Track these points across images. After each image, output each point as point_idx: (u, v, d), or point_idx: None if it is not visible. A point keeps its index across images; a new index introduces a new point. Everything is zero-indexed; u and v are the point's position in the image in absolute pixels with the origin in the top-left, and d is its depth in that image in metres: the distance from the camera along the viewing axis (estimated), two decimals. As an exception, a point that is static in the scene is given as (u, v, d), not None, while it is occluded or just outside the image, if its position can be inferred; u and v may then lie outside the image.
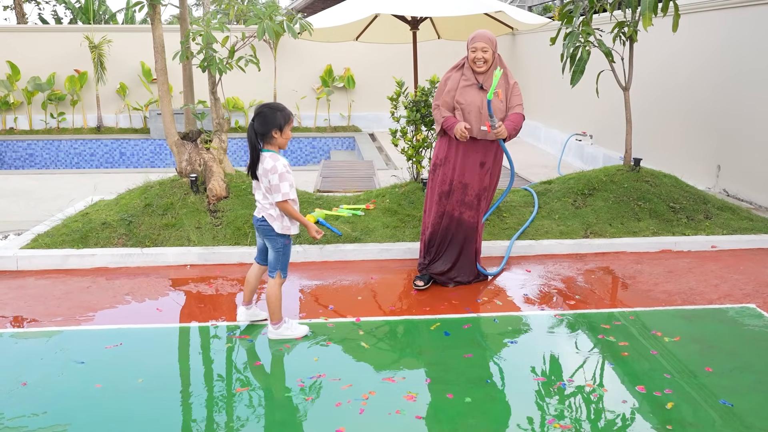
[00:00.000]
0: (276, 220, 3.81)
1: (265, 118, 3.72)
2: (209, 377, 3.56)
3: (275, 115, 3.73)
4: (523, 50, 14.42)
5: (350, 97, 15.29)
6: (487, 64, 4.57)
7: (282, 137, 3.77)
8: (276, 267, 3.91)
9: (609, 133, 9.96)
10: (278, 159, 3.74)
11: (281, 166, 3.71)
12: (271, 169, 3.70)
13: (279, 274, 3.92)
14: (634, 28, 6.16)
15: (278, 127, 3.73)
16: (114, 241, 5.51)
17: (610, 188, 6.28)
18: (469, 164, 4.67)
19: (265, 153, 3.75)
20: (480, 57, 4.55)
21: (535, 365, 3.67)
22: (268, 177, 3.72)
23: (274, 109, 3.74)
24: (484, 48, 4.54)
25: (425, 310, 4.43)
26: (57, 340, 4.01)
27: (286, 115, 3.77)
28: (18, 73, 14.46)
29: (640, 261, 5.44)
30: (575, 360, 3.75)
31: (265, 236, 3.90)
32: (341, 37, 9.14)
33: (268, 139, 3.75)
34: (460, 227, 4.78)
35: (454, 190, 4.72)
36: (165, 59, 5.92)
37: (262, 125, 3.71)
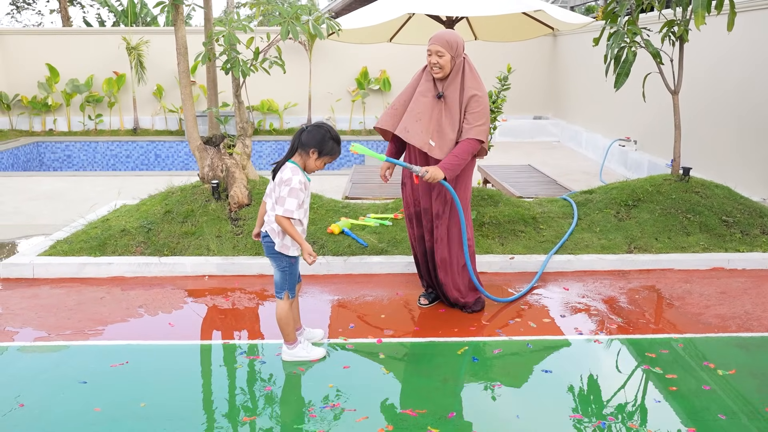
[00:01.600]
0: (277, 235, 3.53)
1: (319, 135, 3.47)
2: (215, 403, 3.30)
3: (328, 141, 3.48)
4: (564, 51, 13.94)
5: (386, 100, 15.01)
6: (443, 71, 4.03)
7: (315, 162, 3.50)
8: (283, 288, 3.63)
9: (654, 139, 9.46)
10: (298, 173, 3.46)
11: (297, 181, 3.44)
12: (286, 181, 3.43)
13: (287, 295, 3.64)
14: (685, 27, 5.72)
15: (320, 151, 3.47)
16: (132, 249, 5.33)
17: (657, 199, 5.85)
18: (422, 185, 4.18)
19: (288, 163, 3.50)
20: (434, 62, 4.01)
21: (572, 400, 3.32)
22: (281, 187, 3.45)
23: (331, 135, 3.50)
24: (438, 52, 3.98)
25: (453, 332, 4.11)
26: (62, 356, 3.82)
27: (335, 149, 3.53)
28: (57, 75, 14.62)
29: (689, 280, 5.02)
30: (617, 395, 3.38)
31: (268, 254, 3.62)
32: (375, 38, 8.86)
33: (303, 152, 3.49)
34: (428, 253, 4.35)
35: (418, 213, 4.29)
36: (188, 61, 5.72)
37: (310, 138, 3.47)
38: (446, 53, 4.00)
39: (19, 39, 14.82)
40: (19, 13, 31.26)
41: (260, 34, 5.81)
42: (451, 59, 4.03)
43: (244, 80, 5.65)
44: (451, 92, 4.09)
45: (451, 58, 4.02)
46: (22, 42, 14.78)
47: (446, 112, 4.07)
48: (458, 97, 4.07)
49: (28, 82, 14.75)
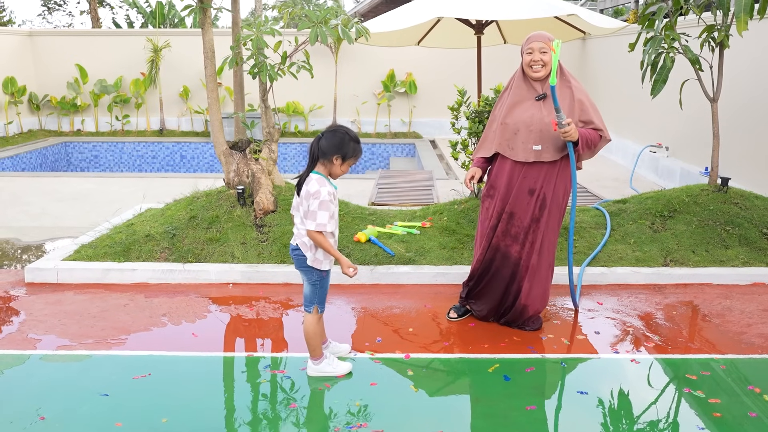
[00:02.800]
0: (309, 249, 3.42)
1: (337, 139, 3.33)
2: (237, 421, 3.21)
3: (348, 143, 3.34)
4: (593, 55, 13.69)
5: (411, 103, 14.89)
6: (546, 68, 3.97)
7: (340, 168, 3.38)
8: (312, 301, 3.53)
9: (687, 145, 9.21)
10: (325, 184, 3.35)
11: (326, 192, 3.32)
12: (314, 194, 3.32)
13: (316, 309, 3.54)
14: (726, 32, 5.52)
15: (343, 155, 3.34)
16: (156, 255, 5.27)
17: (694, 210, 5.65)
18: (516, 191, 4.03)
19: (313, 174, 3.38)
20: (537, 59, 3.93)
21: (609, 424, 3.16)
22: (309, 201, 3.35)
23: (350, 137, 3.36)
24: (541, 48, 3.93)
25: (483, 348, 3.97)
26: (84, 366, 3.76)
27: (357, 149, 3.39)
28: (86, 75, 14.74)
29: (728, 296, 4.82)
30: (656, 420, 3.22)
31: (298, 267, 3.52)
32: (402, 41, 8.74)
33: (326, 160, 3.36)
34: (506, 262, 4.13)
35: (500, 221, 4.13)
36: (215, 65, 5.66)
37: (330, 145, 3.33)
38: (549, 49, 3.93)
39: (49, 40, 14.98)
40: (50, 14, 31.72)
41: (288, 37, 5.71)
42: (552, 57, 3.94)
43: (272, 84, 5.58)
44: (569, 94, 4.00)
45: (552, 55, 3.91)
46: (52, 43, 14.93)
47: (547, 110, 3.94)
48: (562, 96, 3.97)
49: (57, 83, 14.90)
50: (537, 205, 4.01)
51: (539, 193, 4.00)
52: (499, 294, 4.20)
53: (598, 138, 3.99)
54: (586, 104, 4.00)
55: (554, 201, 4.03)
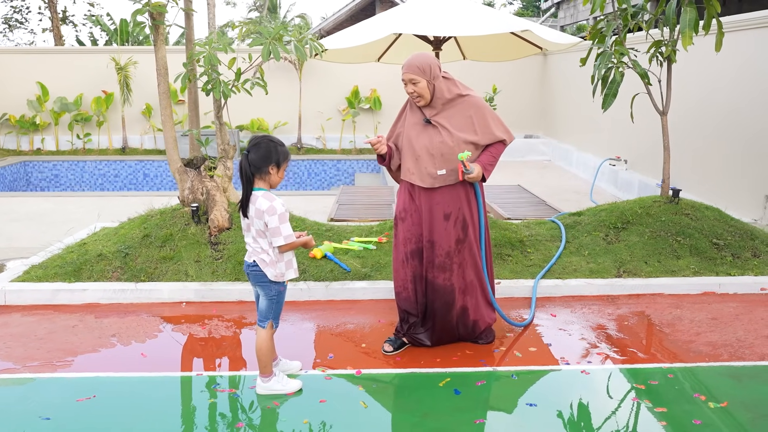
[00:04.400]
0: (269, 265, 3.40)
1: (263, 150, 3.32)
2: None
3: (275, 150, 3.34)
4: (554, 71, 13.93)
5: (376, 119, 14.95)
6: (424, 98, 3.83)
7: (277, 175, 3.39)
8: (267, 316, 3.50)
9: (645, 158, 9.39)
10: (274, 198, 3.34)
11: (279, 205, 3.31)
12: (268, 210, 3.29)
13: (270, 324, 3.51)
14: (672, 47, 5.66)
15: (276, 163, 3.34)
16: (108, 275, 5.17)
17: (646, 222, 5.74)
18: (431, 218, 3.90)
19: (257, 192, 3.35)
20: (411, 91, 3.79)
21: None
22: (264, 219, 3.31)
23: (275, 143, 3.36)
24: (412, 80, 3.74)
25: (435, 362, 3.96)
26: (27, 390, 3.65)
27: (285, 152, 3.39)
28: (47, 93, 14.51)
29: (679, 305, 4.89)
30: (604, 429, 3.24)
31: (256, 283, 3.49)
32: (362, 58, 8.78)
33: (262, 174, 3.35)
34: (436, 294, 3.98)
35: (422, 248, 3.97)
36: (167, 82, 5.62)
37: (261, 158, 3.31)
38: (420, 79, 3.77)
39: (7, 58, 14.72)
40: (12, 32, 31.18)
41: (243, 54, 5.70)
42: (428, 84, 3.80)
43: (226, 102, 5.55)
44: (444, 115, 3.88)
45: (427, 83, 3.80)
46: (11, 61, 14.67)
47: (445, 132, 3.85)
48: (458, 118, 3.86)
49: (16, 101, 14.62)
50: (458, 228, 3.93)
51: (457, 216, 3.91)
52: (445, 322, 4.06)
53: (502, 149, 3.96)
54: (488, 119, 3.89)
55: (470, 220, 3.96)
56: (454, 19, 6.77)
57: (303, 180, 14.55)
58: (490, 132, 3.91)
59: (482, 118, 3.90)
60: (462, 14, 6.76)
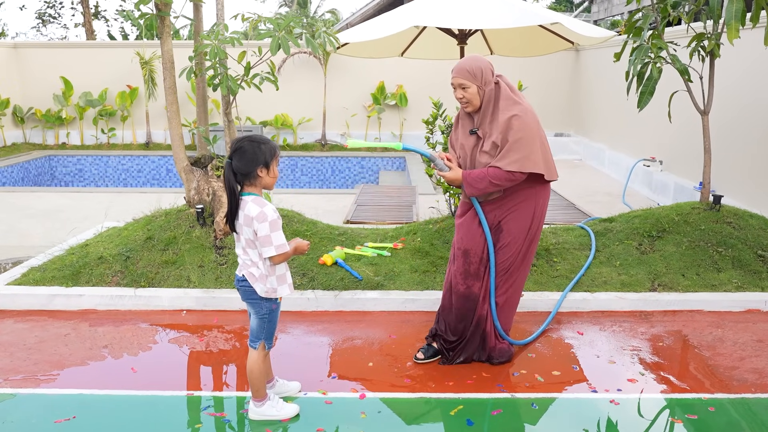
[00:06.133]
0: (258, 280, 3.08)
1: (248, 154, 3.00)
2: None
3: (259, 150, 3.02)
4: (587, 67, 13.39)
5: (402, 116, 14.58)
6: (472, 104, 3.55)
7: (269, 176, 3.06)
8: (259, 336, 3.18)
9: (681, 159, 8.87)
10: (265, 204, 3.02)
11: (271, 211, 3.00)
12: (257, 216, 2.97)
13: (263, 345, 3.19)
14: (716, 41, 5.19)
15: (264, 164, 3.02)
16: (108, 279, 4.92)
17: (684, 230, 5.29)
18: (470, 225, 3.71)
19: (246, 197, 3.04)
20: (460, 96, 3.54)
21: (580, 480, 2.80)
22: (253, 226, 3.00)
23: (257, 143, 3.03)
24: (462, 85, 3.52)
25: (447, 386, 3.61)
26: (4, 407, 3.40)
27: (272, 148, 3.05)
28: (71, 88, 14.46)
29: (720, 324, 4.45)
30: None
31: (246, 299, 3.17)
32: (384, 52, 8.43)
33: (252, 179, 3.04)
34: (468, 303, 3.77)
35: (455, 257, 3.78)
36: (174, 76, 5.34)
37: (245, 163, 3.00)
38: (471, 84, 3.49)
39: (34, 52, 14.72)
40: (45, 27, 31.54)
41: (252, 48, 5.40)
42: (479, 89, 3.50)
43: (234, 97, 5.25)
44: (487, 125, 3.57)
45: (477, 89, 3.50)
46: (38, 55, 14.66)
47: (483, 149, 3.55)
48: (493, 128, 3.51)
49: (42, 96, 14.61)
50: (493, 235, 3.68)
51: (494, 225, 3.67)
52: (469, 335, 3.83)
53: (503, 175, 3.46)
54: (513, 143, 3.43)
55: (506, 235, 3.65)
56: (481, 11, 6.37)
57: (327, 177, 14.26)
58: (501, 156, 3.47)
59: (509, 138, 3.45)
60: (489, 6, 6.36)
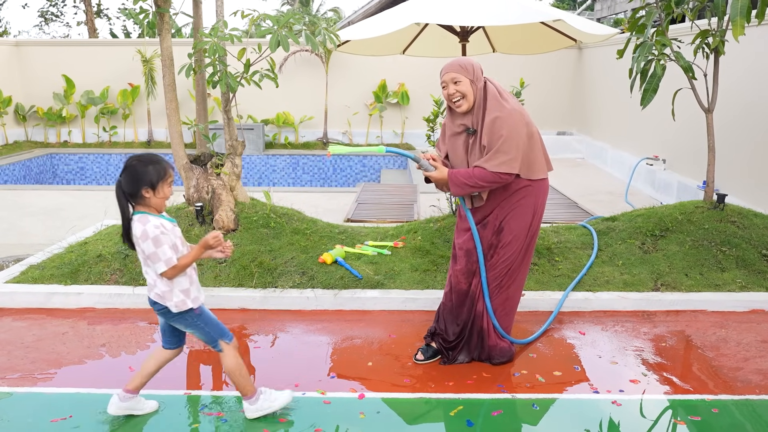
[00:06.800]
0: (167, 299, 3.00)
1: (133, 174, 2.91)
2: (158, 475, 2.81)
3: (145, 171, 2.90)
4: (590, 65, 13.33)
5: (404, 114, 14.53)
6: (467, 100, 3.46)
7: (156, 197, 2.94)
8: (213, 339, 3.11)
9: (685, 158, 8.81)
10: (147, 221, 2.91)
11: (152, 228, 2.88)
12: (141, 236, 2.88)
13: (223, 343, 3.13)
14: (720, 38, 5.14)
15: (149, 184, 2.91)
16: (106, 278, 4.89)
17: (687, 229, 5.24)
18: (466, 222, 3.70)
19: (134, 216, 2.95)
20: (452, 92, 3.45)
21: (582, 482, 2.76)
22: (140, 246, 2.92)
23: (144, 163, 2.92)
24: (454, 79, 3.43)
25: (447, 386, 3.57)
26: (2, 405, 3.36)
27: (161, 169, 2.94)
28: (73, 86, 14.44)
29: (724, 324, 4.41)
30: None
31: (168, 320, 3.10)
32: (386, 50, 8.38)
33: (138, 199, 2.93)
34: (468, 301, 3.74)
35: (458, 257, 3.74)
36: (173, 73, 5.31)
37: (130, 183, 2.91)
38: (463, 78, 3.43)
39: (36, 50, 14.70)
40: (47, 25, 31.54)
41: (252, 45, 5.36)
42: (471, 83, 3.44)
43: (233, 95, 5.22)
44: (478, 125, 3.51)
45: (470, 82, 3.43)
46: (40, 53, 14.65)
47: (474, 149, 3.51)
48: (483, 129, 3.46)
49: (44, 94, 14.61)
50: (492, 235, 3.63)
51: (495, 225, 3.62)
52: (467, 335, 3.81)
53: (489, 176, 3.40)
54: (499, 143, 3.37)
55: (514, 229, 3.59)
56: (482, 8, 6.32)
57: (328, 176, 14.23)
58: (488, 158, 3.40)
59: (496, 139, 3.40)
60: (491, 3, 6.31)
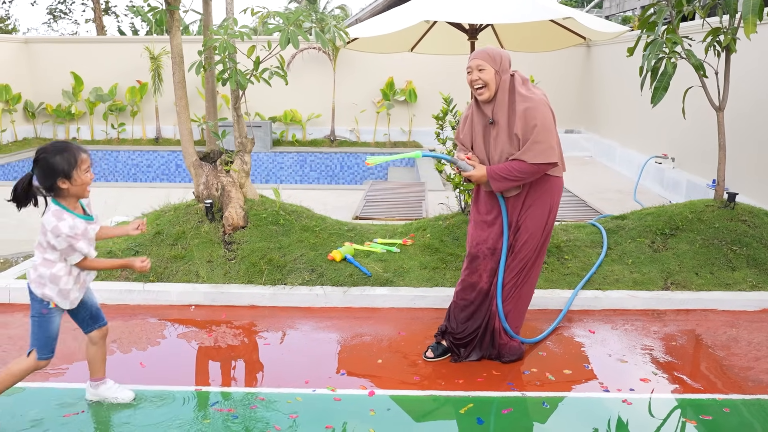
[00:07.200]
0: (34, 282, 2.96)
1: (45, 167, 2.81)
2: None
3: (54, 161, 2.80)
4: (598, 63, 13.29)
5: (411, 112, 14.51)
6: (488, 89, 3.47)
7: (74, 185, 2.85)
8: (34, 345, 3.02)
9: (694, 156, 8.77)
10: (63, 217, 2.85)
11: (66, 228, 2.84)
12: (52, 230, 2.85)
13: (33, 355, 3.01)
14: (732, 36, 5.11)
15: (63, 174, 2.82)
16: (116, 274, 4.91)
17: (698, 228, 5.22)
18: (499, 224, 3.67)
19: (51, 204, 2.90)
20: (475, 78, 3.45)
21: (593, 480, 2.76)
22: (47, 236, 2.88)
23: (53, 153, 2.81)
24: (479, 66, 3.44)
25: (457, 383, 3.57)
26: (14, 401, 3.38)
27: (72, 156, 2.83)
28: (81, 83, 14.49)
29: (735, 323, 4.39)
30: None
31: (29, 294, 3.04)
32: (394, 47, 8.39)
33: (56, 191, 2.87)
34: (487, 300, 3.75)
35: (480, 255, 3.72)
36: (183, 71, 5.32)
37: (43, 177, 2.82)
38: (488, 67, 3.44)
39: (44, 47, 14.75)
40: (56, 23, 31.68)
41: (262, 43, 5.36)
42: (496, 74, 3.45)
43: (243, 92, 5.23)
44: (503, 115, 3.49)
45: (495, 72, 3.44)
46: (49, 51, 14.70)
47: (499, 139, 3.50)
48: (509, 120, 3.47)
49: (53, 91, 14.66)
50: (510, 234, 3.65)
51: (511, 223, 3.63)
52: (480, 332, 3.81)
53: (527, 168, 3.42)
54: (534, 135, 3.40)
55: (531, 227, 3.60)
56: (491, 5, 6.31)
57: (335, 173, 14.24)
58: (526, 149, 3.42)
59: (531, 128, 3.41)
60: (500, 0, 6.31)
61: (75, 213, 2.92)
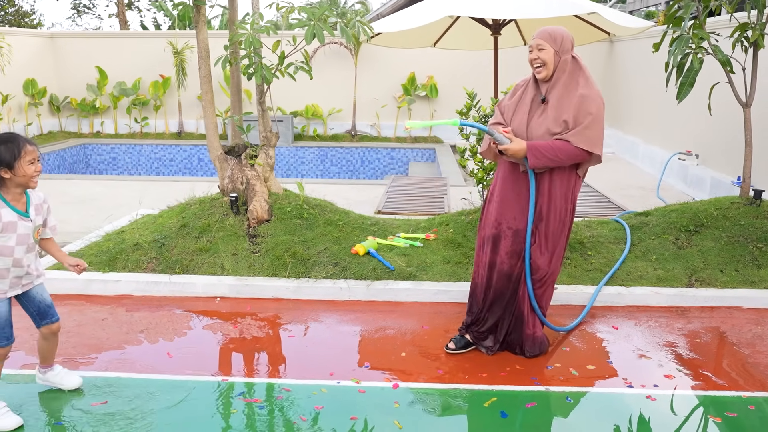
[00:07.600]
0: None
1: None
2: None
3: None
4: (621, 58, 13.17)
5: (432, 107, 14.51)
6: (546, 68, 3.50)
7: (17, 176, 2.88)
8: None
9: (718, 153, 8.68)
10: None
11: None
12: None
13: None
14: (760, 31, 5.06)
15: (5, 164, 2.85)
16: (143, 266, 4.99)
17: (723, 225, 5.18)
18: (521, 203, 3.63)
19: None
20: (535, 57, 3.51)
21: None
22: None
23: None
24: (539, 45, 3.50)
25: (481, 377, 3.59)
26: (41, 388, 3.46)
27: (16, 147, 2.86)
28: (105, 78, 14.68)
29: (760, 321, 4.36)
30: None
31: None
32: (417, 42, 8.40)
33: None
34: (510, 283, 3.73)
35: (502, 235, 3.72)
36: (209, 65, 5.38)
37: None
38: (548, 47, 3.48)
39: (69, 42, 14.96)
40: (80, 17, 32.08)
41: (287, 38, 5.41)
42: (555, 54, 3.48)
43: (268, 87, 5.27)
44: (556, 95, 3.52)
45: (554, 52, 3.48)
46: (73, 45, 14.91)
47: (546, 117, 3.50)
48: (564, 100, 3.48)
49: (78, 85, 14.88)
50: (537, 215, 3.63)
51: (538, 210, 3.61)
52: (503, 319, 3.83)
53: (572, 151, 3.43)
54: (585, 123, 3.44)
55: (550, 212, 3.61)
56: (515, 0, 6.30)
57: (356, 168, 14.28)
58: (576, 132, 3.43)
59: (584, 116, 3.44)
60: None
61: (11, 205, 2.96)
